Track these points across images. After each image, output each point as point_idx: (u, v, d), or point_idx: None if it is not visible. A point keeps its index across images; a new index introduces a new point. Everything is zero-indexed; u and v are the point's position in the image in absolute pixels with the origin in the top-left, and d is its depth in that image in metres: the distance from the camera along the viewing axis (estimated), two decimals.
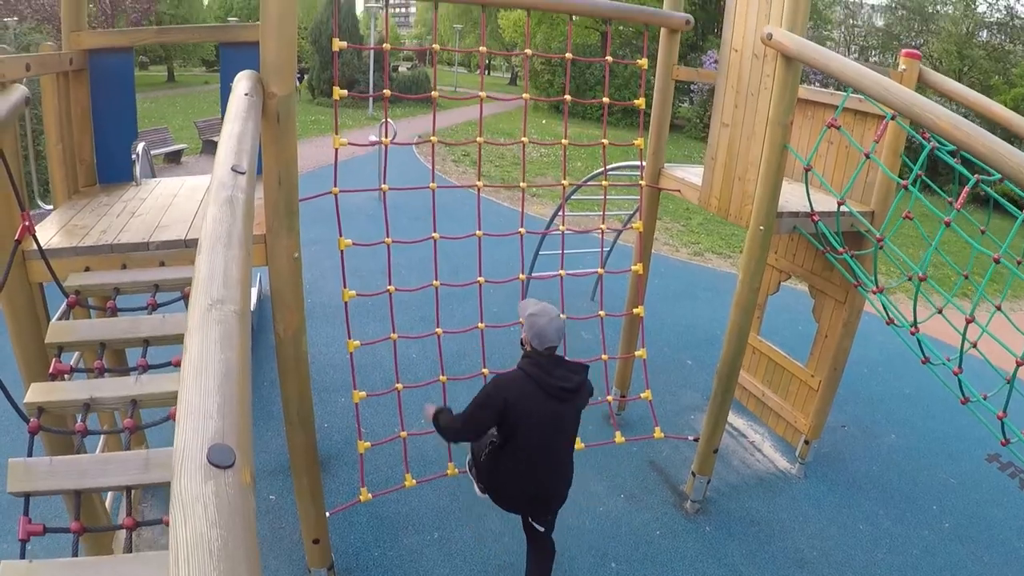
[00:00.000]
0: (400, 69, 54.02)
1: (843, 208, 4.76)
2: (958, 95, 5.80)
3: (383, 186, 4.90)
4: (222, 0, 64.14)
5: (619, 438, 5.90)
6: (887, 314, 4.94)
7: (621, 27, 37.72)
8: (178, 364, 3.04)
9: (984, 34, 38.13)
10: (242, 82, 3.43)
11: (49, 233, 4.01)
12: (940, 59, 36.11)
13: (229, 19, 55.24)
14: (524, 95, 5.42)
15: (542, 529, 4.40)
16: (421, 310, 4.99)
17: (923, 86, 5.75)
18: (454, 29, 61.06)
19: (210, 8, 59.08)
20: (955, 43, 35.88)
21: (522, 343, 4.07)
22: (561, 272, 5.71)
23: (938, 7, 39.64)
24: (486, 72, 71.84)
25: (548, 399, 3.90)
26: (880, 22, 43.95)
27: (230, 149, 2.46)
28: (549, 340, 3.92)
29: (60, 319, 3.99)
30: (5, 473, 2.44)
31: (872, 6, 44.21)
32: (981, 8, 38.04)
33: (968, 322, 4.27)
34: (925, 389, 8.38)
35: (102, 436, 5.12)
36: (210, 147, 21.04)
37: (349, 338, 5.00)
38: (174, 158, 19.57)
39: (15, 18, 22.44)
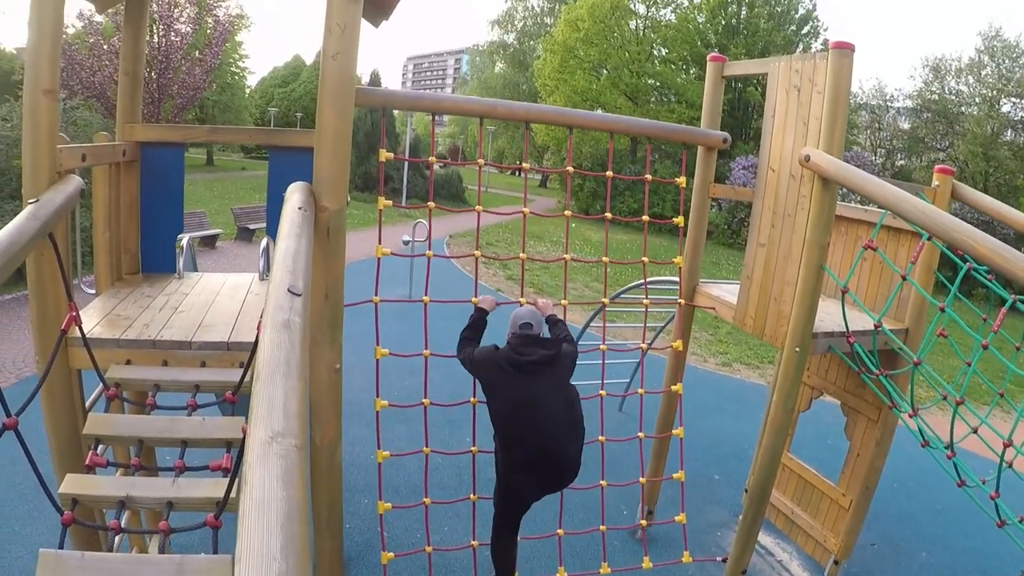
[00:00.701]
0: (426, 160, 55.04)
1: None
2: (992, 210, 5.85)
3: (424, 298, 4.97)
4: (264, 90, 65.97)
5: (647, 563, 5.76)
6: (923, 437, 4.89)
7: None
8: (216, 469, 3.06)
9: (1009, 134, 38.42)
10: (296, 195, 3.51)
11: (92, 321, 4.07)
12: (966, 161, 36.40)
13: (270, 109, 56.68)
14: (566, 212, 5.51)
15: None
16: (448, 413, 5.00)
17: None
18: (487, 131, 62.40)
19: (251, 97, 60.61)
20: (980, 144, 36.23)
21: (508, 338, 4.50)
22: (602, 393, 5.70)
23: (963, 108, 40.00)
24: (516, 174, 72.44)
25: (517, 375, 4.28)
26: (905, 125, 44.32)
27: (286, 268, 2.50)
28: (521, 318, 4.45)
29: (90, 407, 4.02)
30: (24, 547, 2.43)
31: (897, 109, 44.62)
32: (1005, 108, 38.42)
33: (1006, 446, 4.23)
34: (956, 505, 8.15)
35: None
36: (245, 234, 21.38)
37: (379, 448, 4.98)
38: (209, 242, 19.87)
39: (64, 93, 23.13)
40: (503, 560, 4.86)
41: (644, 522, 6.13)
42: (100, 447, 3.94)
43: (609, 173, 5.56)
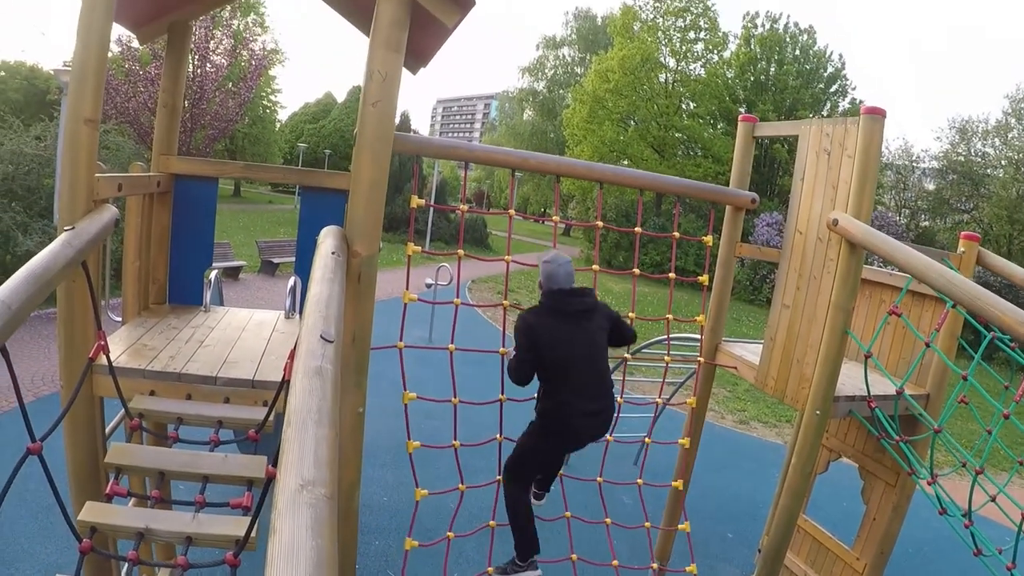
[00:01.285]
0: (457, 208, 55.54)
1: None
2: (1018, 278, 5.85)
3: (450, 346, 4.98)
4: (293, 125, 66.77)
5: None
6: (940, 504, 4.85)
7: None
8: (236, 506, 3.07)
9: None
10: (329, 239, 3.53)
11: (117, 349, 4.07)
12: (991, 224, 36.19)
13: (299, 144, 57.24)
14: (594, 267, 5.55)
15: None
16: (465, 461, 5.02)
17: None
18: (515, 177, 62.57)
19: (281, 132, 61.23)
20: (1005, 207, 35.95)
21: (540, 286, 4.74)
22: (609, 438, 5.68)
23: (988, 171, 39.84)
24: (541, 221, 72.40)
25: (567, 321, 4.53)
26: (931, 186, 44.15)
27: (319, 314, 2.52)
28: (558, 282, 4.61)
29: (109, 435, 4.04)
30: (34, 566, 2.45)
31: (923, 170, 44.47)
32: None
33: None
34: (971, 573, 7.99)
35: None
36: (269, 267, 21.55)
37: (417, 486, 4.98)
38: (232, 273, 20.03)
39: None
40: (525, 506, 4.87)
41: (655, 565, 6.06)
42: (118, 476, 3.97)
43: (638, 229, 5.60)
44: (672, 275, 5.70)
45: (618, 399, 5.69)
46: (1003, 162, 39.35)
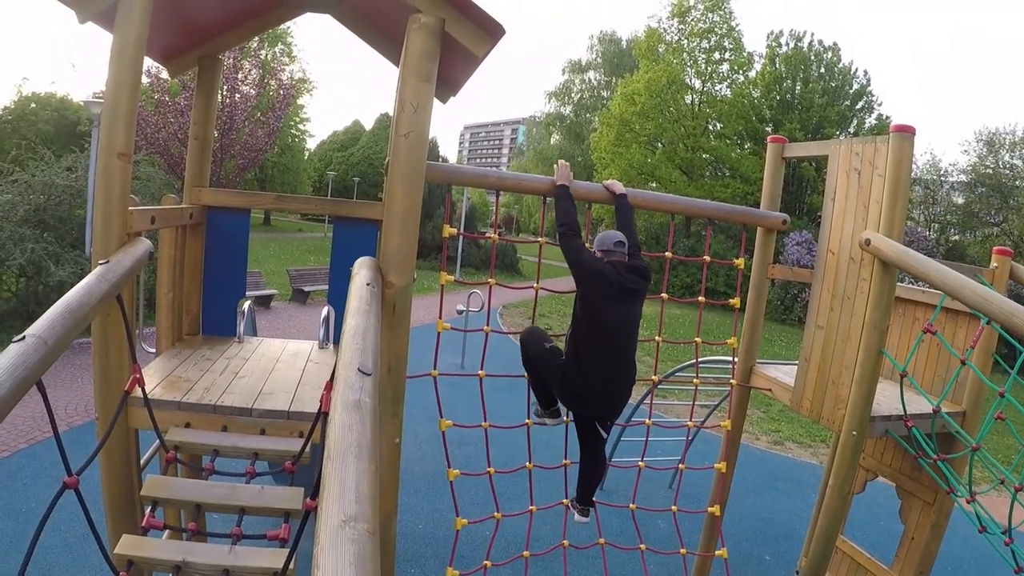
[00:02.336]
0: (488, 235, 55.74)
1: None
2: None
3: (480, 372, 5.02)
4: (322, 153, 67.21)
5: None
6: (980, 522, 4.78)
7: None
8: (274, 538, 3.07)
9: None
10: (363, 271, 3.54)
11: (152, 381, 4.10)
12: (1021, 236, 35.78)
13: (328, 172, 57.58)
14: None
15: (605, 435, 4.89)
16: (499, 484, 5.02)
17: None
18: (545, 203, 62.71)
19: (310, 160, 61.61)
20: None
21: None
22: (641, 464, 5.65)
23: (1017, 183, 39.41)
24: None
25: (623, 294, 4.53)
26: (959, 199, 43.69)
27: (356, 347, 2.53)
28: (610, 239, 4.65)
29: (144, 466, 4.06)
30: None
31: (952, 184, 44.00)
32: None
33: None
34: None
35: None
36: (300, 295, 21.65)
37: (457, 515, 5.00)
38: (264, 302, 20.11)
39: None
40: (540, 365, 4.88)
41: None
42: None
43: (668, 254, 5.58)
44: (702, 299, 5.67)
45: (647, 421, 5.69)
46: None
